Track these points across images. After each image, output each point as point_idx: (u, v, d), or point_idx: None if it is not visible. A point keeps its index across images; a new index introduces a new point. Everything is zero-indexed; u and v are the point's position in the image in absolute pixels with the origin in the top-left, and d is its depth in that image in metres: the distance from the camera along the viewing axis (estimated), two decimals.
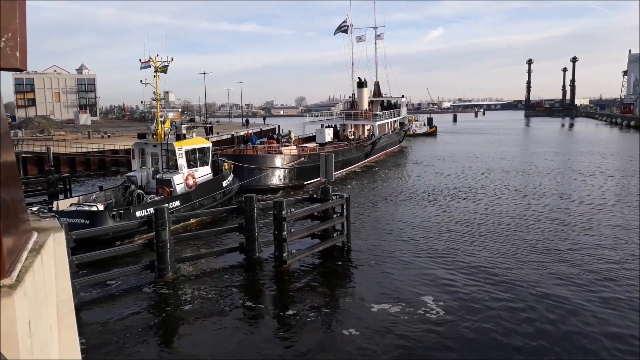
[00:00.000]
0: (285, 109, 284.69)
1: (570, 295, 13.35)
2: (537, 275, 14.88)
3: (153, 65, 23.36)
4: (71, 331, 3.10)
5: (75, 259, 13.38)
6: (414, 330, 11.52)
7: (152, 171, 23.74)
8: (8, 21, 2.25)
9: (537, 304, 12.77)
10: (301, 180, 33.88)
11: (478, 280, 14.63)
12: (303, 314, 12.71)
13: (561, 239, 18.95)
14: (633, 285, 13.99)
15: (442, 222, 22.01)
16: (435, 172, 38.73)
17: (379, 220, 23.19)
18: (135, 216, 19.09)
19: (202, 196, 23.08)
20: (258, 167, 31.91)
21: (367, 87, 56.19)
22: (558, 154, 52.36)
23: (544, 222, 21.71)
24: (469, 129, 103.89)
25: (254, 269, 16.16)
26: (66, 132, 63.73)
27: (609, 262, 15.99)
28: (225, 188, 25.53)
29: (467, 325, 11.68)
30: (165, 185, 22.05)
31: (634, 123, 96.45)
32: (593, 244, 18.09)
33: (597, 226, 20.80)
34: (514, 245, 18.21)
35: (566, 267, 15.59)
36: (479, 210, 24.26)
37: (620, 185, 31.09)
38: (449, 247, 18.16)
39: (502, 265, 15.86)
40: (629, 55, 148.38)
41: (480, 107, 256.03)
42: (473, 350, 10.69)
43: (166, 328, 12.27)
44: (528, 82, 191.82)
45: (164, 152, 22.87)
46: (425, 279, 14.86)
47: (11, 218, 2.35)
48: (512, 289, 13.86)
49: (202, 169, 24.36)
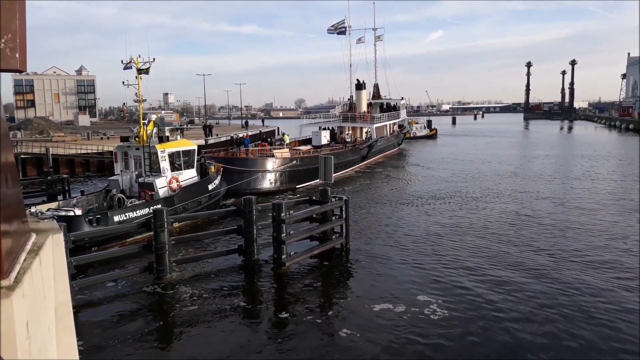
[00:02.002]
0: (285, 111, 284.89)
1: (570, 294, 13.36)
2: (537, 277, 14.89)
3: (135, 66, 22.80)
4: (69, 333, 3.09)
5: (74, 260, 13.38)
6: (413, 332, 11.51)
7: (135, 175, 23.19)
8: (8, 22, 2.25)
9: (536, 304, 12.77)
10: (293, 184, 33.24)
11: (478, 281, 14.63)
12: (302, 316, 12.70)
13: (560, 239, 18.95)
14: (633, 288, 14.00)
15: (441, 225, 22.01)
16: (435, 175, 38.73)
17: (377, 222, 23.19)
18: (113, 221, 18.58)
19: (186, 200, 22.61)
20: (248, 170, 31.35)
21: (365, 89, 55.88)
22: (558, 157, 52.41)
23: (544, 224, 21.71)
24: (469, 131, 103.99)
25: (252, 270, 16.15)
26: (65, 134, 63.71)
27: (609, 262, 16.00)
28: (212, 192, 25.04)
29: (467, 326, 11.67)
30: (147, 188, 21.65)
31: (633, 126, 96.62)
32: (596, 247, 18.10)
33: (599, 229, 20.80)
34: (514, 247, 18.20)
35: (566, 269, 15.60)
36: (478, 212, 24.26)
37: (624, 189, 31.14)
38: (447, 248, 18.16)
39: (503, 267, 15.86)
40: (628, 58, 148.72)
41: (479, 109, 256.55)
42: (472, 350, 10.68)
43: (164, 330, 12.25)
44: (527, 85, 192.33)
45: (146, 155, 22.37)
46: (424, 281, 14.86)
47: (10, 219, 2.34)
48: (512, 290, 13.86)
49: (186, 172, 23.87)
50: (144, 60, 22.88)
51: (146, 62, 22.89)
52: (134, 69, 22.86)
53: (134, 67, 22.84)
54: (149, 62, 22.91)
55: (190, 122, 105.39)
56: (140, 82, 22.84)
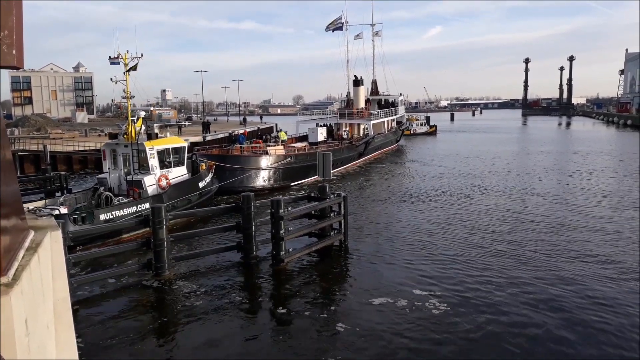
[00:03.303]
0: (283, 108, 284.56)
1: (569, 294, 13.39)
2: (536, 274, 14.92)
3: (122, 62, 22.41)
4: (68, 329, 3.10)
5: (72, 257, 13.37)
6: (412, 327, 11.54)
7: (124, 172, 22.71)
8: (5, 19, 2.25)
9: (535, 303, 12.80)
10: (287, 182, 32.67)
11: (477, 276, 14.66)
12: (300, 312, 12.72)
13: (559, 237, 19.00)
14: (633, 286, 14.05)
15: (439, 220, 22.03)
16: (433, 172, 38.73)
17: (376, 218, 23.20)
18: (99, 220, 18.31)
19: (175, 198, 22.23)
20: (241, 168, 30.73)
21: (363, 85, 55.28)
22: (556, 152, 52.48)
23: (542, 222, 21.75)
24: (467, 127, 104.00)
25: (251, 267, 16.16)
26: (63, 131, 63.55)
27: (610, 263, 16.05)
28: (202, 189, 24.58)
29: (466, 322, 11.70)
30: (135, 186, 21.27)
31: (631, 122, 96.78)
32: (595, 244, 18.15)
33: (599, 226, 20.86)
34: (513, 242, 18.23)
35: (568, 266, 15.64)
36: (476, 209, 24.29)
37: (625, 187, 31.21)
38: (445, 244, 18.19)
39: (501, 263, 15.88)
40: (626, 54, 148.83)
41: (477, 105, 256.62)
42: (472, 346, 10.70)
43: (163, 327, 12.25)
44: (525, 81, 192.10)
45: (134, 153, 21.91)
46: (423, 276, 14.88)
47: (8, 216, 2.34)
48: (510, 285, 13.89)
49: (176, 169, 23.45)
50: (132, 57, 22.50)
51: (134, 58, 22.51)
52: (121, 64, 22.51)
53: (122, 63, 22.48)
54: (137, 58, 22.52)
55: (189, 119, 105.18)
56: (129, 79, 22.46)
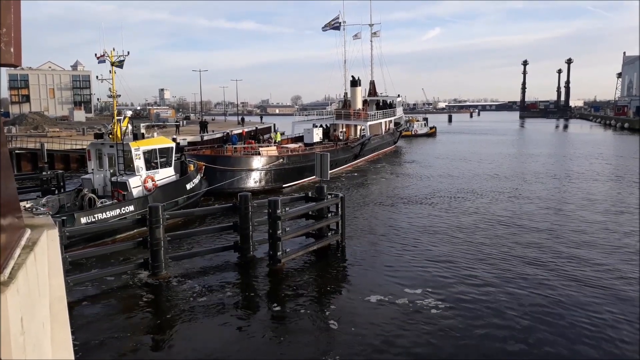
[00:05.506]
0: (281, 108, 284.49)
1: (569, 294, 13.42)
2: (536, 274, 14.95)
3: (109, 59, 22.02)
4: (64, 328, 3.09)
5: (69, 256, 13.34)
6: (409, 326, 11.56)
7: (109, 173, 22.05)
8: (3, 16, 2.24)
9: (534, 303, 12.83)
10: (279, 183, 31.99)
11: (473, 276, 14.69)
12: (297, 312, 12.72)
13: (559, 238, 19.04)
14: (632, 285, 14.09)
15: (436, 222, 22.06)
16: (431, 173, 38.75)
17: (373, 219, 23.22)
18: (80, 222, 17.59)
19: (161, 200, 21.02)
20: (231, 169, 29.89)
21: (361, 86, 54.79)
22: (553, 155, 52.63)
23: (542, 221, 21.79)
24: (465, 129, 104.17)
25: (248, 267, 16.15)
26: (60, 129, 63.38)
27: (610, 264, 16.10)
28: (190, 191, 23.81)
29: (462, 322, 11.71)
30: (120, 188, 20.69)
31: (628, 125, 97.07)
32: (593, 247, 18.20)
33: (597, 230, 20.92)
34: (512, 242, 18.26)
35: (568, 266, 15.67)
36: (473, 210, 24.33)
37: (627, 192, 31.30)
38: (442, 244, 18.21)
39: (499, 263, 15.92)
40: (623, 57, 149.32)
41: (475, 107, 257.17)
42: (469, 345, 10.72)
43: (159, 326, 12.23)
44: (523, 83, 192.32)
45: (120, 153, 21.16)
46: (420, 276, 14.91)
47: (4, 214, 2.33)
48: (508, 285, 13.92)
49: (163, 170, 22.76)
50: (119, 54, 22.17)
51: (120, 56, 22.13)
52: (107, 62, 22.15)
53: (108, 60, 22.14)
54: (123, 56, 22.16)
55: (186, 118, 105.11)
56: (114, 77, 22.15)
